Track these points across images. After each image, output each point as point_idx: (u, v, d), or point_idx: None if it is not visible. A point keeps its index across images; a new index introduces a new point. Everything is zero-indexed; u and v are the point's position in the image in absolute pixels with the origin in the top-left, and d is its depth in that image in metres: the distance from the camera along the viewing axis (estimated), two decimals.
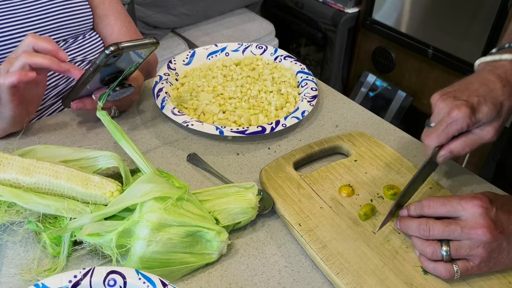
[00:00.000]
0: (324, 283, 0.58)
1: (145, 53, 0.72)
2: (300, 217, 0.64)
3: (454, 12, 1.72)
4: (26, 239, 0.62)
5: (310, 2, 2.17)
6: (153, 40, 0.69)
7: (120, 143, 0.64)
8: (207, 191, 0.65)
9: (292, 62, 0.96)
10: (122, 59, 0.69)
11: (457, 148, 0.61)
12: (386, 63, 2.04)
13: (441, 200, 0.57)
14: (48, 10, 0.89)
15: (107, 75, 0.73)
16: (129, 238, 0.56)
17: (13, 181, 0.61)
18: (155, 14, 1.91)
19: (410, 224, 0.58)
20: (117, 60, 0.69)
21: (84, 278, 0.47)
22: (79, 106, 0.76)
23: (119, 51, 0.65)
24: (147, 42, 0.69)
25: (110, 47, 0.65)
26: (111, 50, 0.65)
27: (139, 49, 0.69)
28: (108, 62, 0.67)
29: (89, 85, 0.72)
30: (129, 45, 0.66)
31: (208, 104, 0.85)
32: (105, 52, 0.65)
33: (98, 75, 0.70)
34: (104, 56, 0.65)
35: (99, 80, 0.73)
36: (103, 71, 0.70)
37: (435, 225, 0.56)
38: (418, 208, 0.59)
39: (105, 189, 0.61)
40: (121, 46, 0.65)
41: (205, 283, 0.58)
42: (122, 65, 0.72)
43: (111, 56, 0.66)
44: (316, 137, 0.82)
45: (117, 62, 0.70)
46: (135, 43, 0.67)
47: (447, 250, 0.55)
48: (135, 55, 0.71)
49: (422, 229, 0.56)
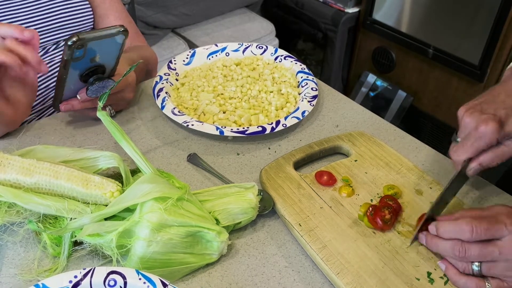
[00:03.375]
0: (324, 283, 0.58)
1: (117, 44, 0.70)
2: (300, 217, 0.64)
3: (454, 12, 1.72)
4: (27, 240, 0.62)
5: (310, 2, 2.17)
6: (118, 28, 0.68)
7: (120, 143, 0.64)
8: (207, 191, 0.65)
9: (293, 62, 0.96)
10: (92, 52, 0.68)
11: (487, 161, 0.60)
12: (386, 63, 2.04)
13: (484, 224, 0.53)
14: (49, 10, 0.89)
15: (84, 69, 0.72)
16: (130, 238, 0.56)
17: (13, 181, 0.61)
18: (155, 14, 1.91)
19: (442, 245, 0.56)
20: (85, 53, 0.67)
21: (84, 278, 0.47)
22: (68, 108, 0.75)
23: (80, 41, 0.64)
24: (111, 31, 0.68)
25: (71, 38, 0.64)
26: (73, 40, 0.64)
27: (104, 38, 0.68)
28: (75, 55, 0.66)
29: (72, 85, 0.71)
30: (90, 35, 0.65)
31: (208, 104, 0.85)
32: (68, 44, 0.64)
33: (75, 71, 0.69)
34: (68, 48, 0.64)
35: (78, 77, 0.72)
36: (77, 66, 0.69)
37: (471, 247, 0.53)
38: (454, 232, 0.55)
39: (106, 189, 0.61)
40: (82, 36, 0.64)
41: (205, 283, 0.58)
42: (96, 59, 0.71)
43: (74, 48, 0.65)
44: (316, 137, 0.82)
45: (87, 55, 0.68)
46: (97, 33, 0.66)
47: (478, 265, 0.53)
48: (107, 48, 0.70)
49: (457, 250, 0.54)
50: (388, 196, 0.67)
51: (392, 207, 0.63)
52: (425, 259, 0.59)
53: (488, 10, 1.61)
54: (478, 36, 1.66)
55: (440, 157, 0.78)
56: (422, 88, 1.95)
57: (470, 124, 0.59)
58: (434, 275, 0.57)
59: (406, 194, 0.68)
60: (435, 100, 1.91)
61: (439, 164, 0.77)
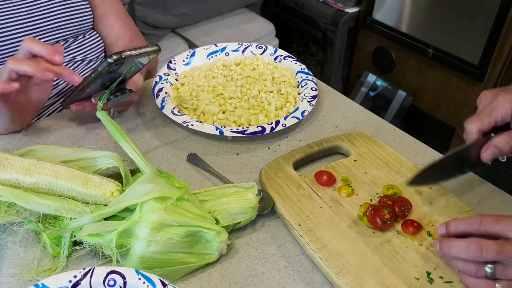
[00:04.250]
0: (324, 283, 0.58)
1: (146, 59, 0.72)
2: (300, 217, 0.64)
3: (454, 12, 1.72)
4: (26, 239, 0.62)
5: (310, 2, 2.17)
6: (155, 47, 0.69)
7: (120, 143, 0.64)
8: (207, 191, 0.65)
9: (292, 62, 0.96)
10: (124, 66, 0.69)
11: (501, 143, 0.59)
12: (386, 63, 2.04)
13: (493, 217, 0.51)
14: (48, 10, 0.89)
15: (108, 80, 0.73)
16: (129, 238, 0.56)
17: (13, 181, 0.61)
18: (155, 14, 1.90)
19: (457, 245, 0.52)
20: (119, 68, 0.69)
21: (84, 278, 0.47)
22: (79, 108, 0.76)
23: (122, 60, 0.65)
24: (149, 50, 0.69)
25: (113, 56, 0.65)
26: (114, 59, 0.65)
27: (141, 57, 0.69)
28: (110, 70, 0.67)
29: (88, 89, 0.72)
30: (132, 53, 0.66)
31: (208, 104, 0.85)
32: (108, 61, 0.65)
33: (99, 81, 0.70)
34: (107, 64, 0.65)
35: (99, 84, 0.73)
36: (105, 77, 0.70)
37: (488, 245, 0.49)
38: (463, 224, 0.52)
39: (105, 189, 0.61)
40: (124, 55, 0.65)
41: (205, 283, 0.58)
42: (123, 71, 0.72)
43: (113, 65, 0.66)
44: (316, 137, 0.82)
45: (121, 70, 0.70)
46: (137, 52, 0.67)
47: (492, 267, 0.50)
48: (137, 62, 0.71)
49: (473, 249, 0.50)
50: (388, 196, 0.67)
51: (391, 207, 0.63)
52: (425, 259, 0.59)
53: (488, 10, 1.61)
54: (478, 36, 1.66)
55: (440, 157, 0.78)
56: (422, 88, 1.95)
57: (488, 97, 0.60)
58: (433, 274, 0.57)
59: (406, 194, 0.68)
60: (435, 100, 1.91)
61: None
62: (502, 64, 1.65)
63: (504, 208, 0.69)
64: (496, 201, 0.70)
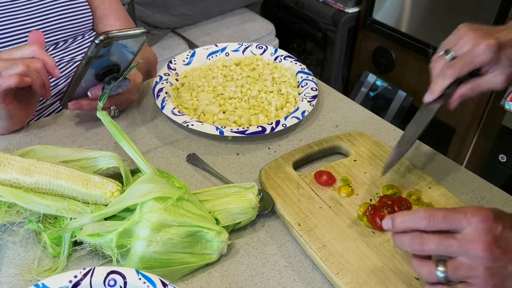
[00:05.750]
0: (324, 283, 0.59)
1: (136, 44, 0.71)
2: (300, 217, 0.64)
3: (454, 12, 1.72)
4: (27, 239, 0.62)
5: (310, 2, 2.17)
6: (143, 29, 0.69)
7: (120, 143, 0.64)
8: (207, 191, 0.65)
9: (292, 62, 0.96)
10: (114, 50, 0.69)
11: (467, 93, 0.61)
12: (386, 63, 2.04)
13: (443, 211, 0.48)
14: (52, 10, 0.90)
15: (100, 68, 0.72)
16: (129, 238, 0.56)
17: (14, 181, 0.61)
18: (155, 14, 1.91)
19: (403, 239, 0.50)
20: (108, 51, 0.68)
21: (84, 278, 0.47)
22: (76, 107, 0.76)
23: (109, 40, 0.65)
24: (137, 32, 0.68)
25: (99, 36, 0.64)
26: (101, 39, 0.64)
27: (128, 38, 0.68)
28: (99, 53, 0.66)
29: (84, 82, 0.72)
30: (119, 34, 0.66)
31: (208, 104, 0.85)
32: (95, 41, 0.65)
33: (92, 70, 0.70)
34: (95, 46, 0.65)
35: (93, 76, 0.73)
36: (96, 64, 0.69)
37: (429, 238, 0.48)
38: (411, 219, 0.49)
39: (106, 189, 0.61)
40: (111, 34, 0.65)
41: (205, 283, 0.58)
42: (114, 58, 0.71)
43: (102, 46, 0.65)
44: (316, 137, 0.82)
45: (109, 55, 0.69)
46: (124, 32, 0.67)
47: (444, 270, 0.47)
48: (127, 48, 0.71)
49: (415, 243, 0.49)
50: (387, 196, 0.67)
51: (391, 207, 0.63)
52: None
53: (488, 10, 1.61)
54: None
55: (440, 157, 0.78)
56: (422, 88, 1.95)
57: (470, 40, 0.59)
58: None
59: (405, 194, 0.68)
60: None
61: (438, 164, 0.77)
62: None
63: (504, 208, 0.68)
64: (496, 201, 0.70)
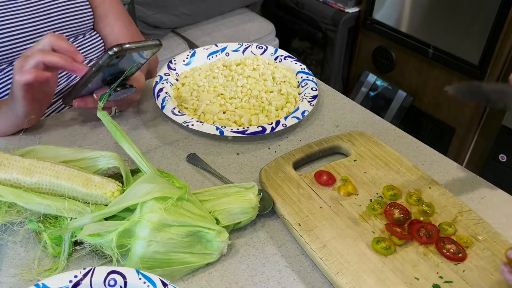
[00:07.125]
0: (324, 283, 0.59)
1: (147, 54, 0.72)
2: (300, 217, 0.64)
3: (454, 12, 1.72)
4: (27, 239, 0.62)
5: (310, 2, 2.17)
6: (156, 42, 0.69)
7: (121, 143, 0.64)
8: (208, 191, 0.65)
9: (293, 62, 0.97)
10: (125, 60, 0.69)
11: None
12: (386, 62, 2.04)
13: None
14: (52, 10, 0.90)
15: (109, 75, 0.73)
16: (130, 238, 0.56)
17: (14, 181, 0.61)
18: (155, 14, 1.91)
19: None
20: (119, 61, 0.69)
21: (84, 278, 0.47)
22: (81, 104, 0.76)
23: (122, 52, 0.65)
24: (150, 44, 0.69)
25: (113, 48, 0.65)
26: (114, 51, 0.65)
27: (142, 51, 0.69)
28: (110, 63, 0.67)
29: (90, 84, 0.73)
30: (132, 46, 0.66)
31: (208, 104, 0.85)
32: (108, 53, 0.65)
33: (100, 75, 0.70)
34: (107, 57, 0.65)
35: (100, 80, 0.73)
36: (105, 71, 0.70)
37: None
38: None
39: (106, 189, 0.61)
40: (125, 47, 0.65)
41: (206, 283, 0.58)
42: (124, 65, 0.72)
43: (114, 57, 0.66)
44: (316, 137, 0.82)
45: (119, 63, 0.70)
46: (138, 45, 0.67)
47: None
48: (138, 56, 0.72)
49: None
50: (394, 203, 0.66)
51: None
52: (425, 259, 0.59)
53: (488, 10, 1.61)
54: (478, 36, 1.66)
55: (440, 157, 0.78)
56: (422, 88, 1.95)
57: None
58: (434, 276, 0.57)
59: (405, 196, 0.68)
60: (435, 100, 1.91)
61: (438, 164, 0.77)
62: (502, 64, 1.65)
63: (504, 208, 0.69)
64: (496, 201, 0.70)
